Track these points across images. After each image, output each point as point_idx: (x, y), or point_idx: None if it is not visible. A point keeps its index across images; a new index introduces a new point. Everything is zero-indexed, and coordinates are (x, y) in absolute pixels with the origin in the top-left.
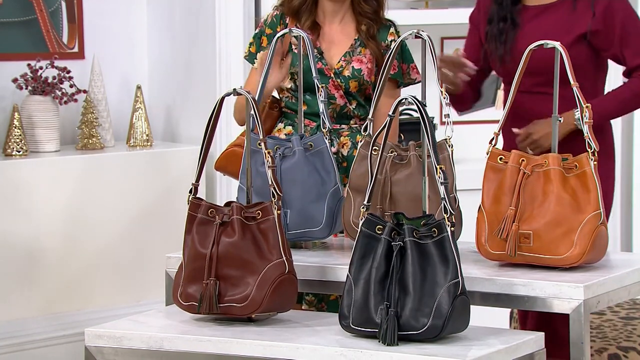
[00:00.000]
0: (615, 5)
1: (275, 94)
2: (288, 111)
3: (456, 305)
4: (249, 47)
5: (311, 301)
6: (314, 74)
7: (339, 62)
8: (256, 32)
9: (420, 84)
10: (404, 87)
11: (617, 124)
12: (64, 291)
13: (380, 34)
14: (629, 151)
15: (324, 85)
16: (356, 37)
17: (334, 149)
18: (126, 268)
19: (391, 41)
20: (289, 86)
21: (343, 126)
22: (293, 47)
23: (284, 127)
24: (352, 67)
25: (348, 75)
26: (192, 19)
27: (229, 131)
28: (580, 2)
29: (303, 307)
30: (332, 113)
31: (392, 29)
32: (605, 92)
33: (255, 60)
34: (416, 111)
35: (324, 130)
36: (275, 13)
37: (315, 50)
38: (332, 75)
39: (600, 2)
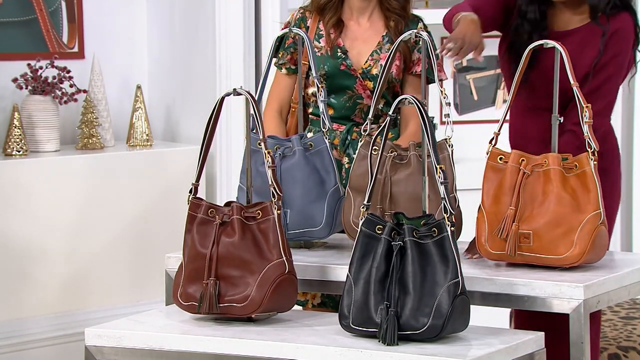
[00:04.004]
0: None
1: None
2: (314, 118)
3: (456, 305)
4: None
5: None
6: (314, 74)
7: (366, 61)
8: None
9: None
10: (432, 83)
11: (617, 124)
12: (64, 291)
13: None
14: (629, 151)
15: (323, 85)
16: (384, 34)
17: None
18: (126, 268)
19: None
20: (310, 91)
21: (373, 126)
22: (316, 50)
23: (313, 135)
24: (381, 65)
25: (376, 74)
26: (192, 19)
27: (229, 131)
28: (595, 32)
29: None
30: (360, 113)
31: (420, 24)
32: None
33: (280, 65)
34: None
35: (324, 130)
36: (298, 15)
37: (339, 50)
38: (359, 75)
39: (607, 36)
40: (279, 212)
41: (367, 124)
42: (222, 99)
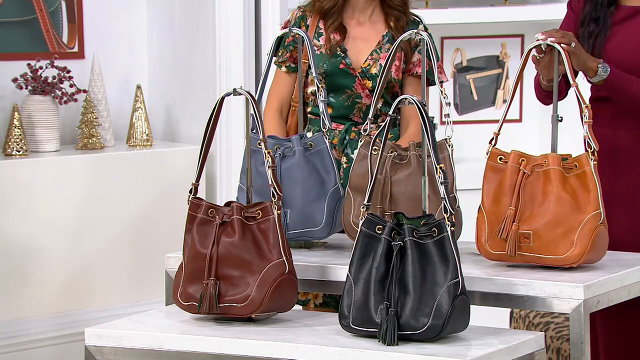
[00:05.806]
0: None
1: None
2: (313, 117)
3: (456, 305)
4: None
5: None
6: (314, 74)
7: (365, 60)
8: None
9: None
10: (433, 85)
11: None
12: (64, 291)
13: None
14: None
15: (323, 85)
16: (384, 34)
17: None
18: (126, 268)
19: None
20: (310, 91)
21: (372, 126)
22: (316, 49)
23: (313, 135)
24: (380, 64)
25: (375, 73)
26: (192, 19)
27: (229, 131)
28: None
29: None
30: (358, 113)
31: (421, 26)
32: None
33: (280, 64)
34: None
35: (323, 129)
36: (298, 14)
37: (339, 49)
38: (358, 74)
39: None
40: (279, 212)
41: (366, 124)
42: (222, 99)
